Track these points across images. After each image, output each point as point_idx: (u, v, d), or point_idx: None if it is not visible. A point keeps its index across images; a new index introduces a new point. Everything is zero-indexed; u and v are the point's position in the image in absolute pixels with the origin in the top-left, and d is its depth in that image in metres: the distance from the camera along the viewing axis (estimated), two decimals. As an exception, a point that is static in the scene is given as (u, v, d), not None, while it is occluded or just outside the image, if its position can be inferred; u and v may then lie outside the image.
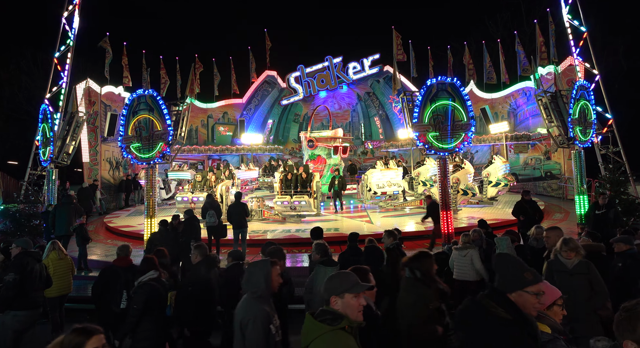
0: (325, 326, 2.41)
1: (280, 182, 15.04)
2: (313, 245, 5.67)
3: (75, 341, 2.23)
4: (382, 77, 27.00)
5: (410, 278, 4.04)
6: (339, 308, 2.51)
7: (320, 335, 2.39)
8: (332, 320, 2.45)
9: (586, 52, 16.92)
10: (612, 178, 12.87)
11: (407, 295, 3.92)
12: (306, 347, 2.43)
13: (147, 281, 4.89)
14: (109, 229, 14.83)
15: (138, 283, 4.92)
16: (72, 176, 24.02)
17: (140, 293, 4.80)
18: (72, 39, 15.76)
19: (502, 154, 20.39)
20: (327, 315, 2.48)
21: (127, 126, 10.39)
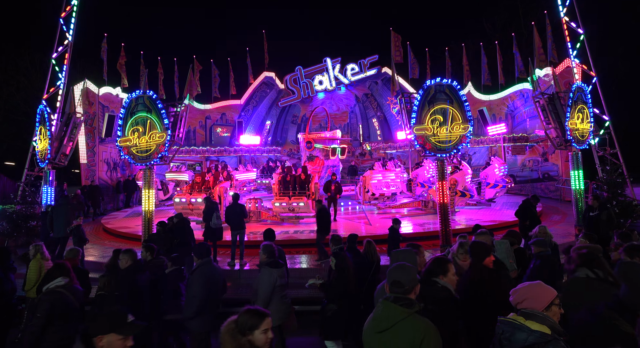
0: (405, 309, 2.82)
1: (278, 183, 15.03)
2: (261, 246, 5.78)
3: (250, 322, 2.38)
4: (381, 79, 27.03)
5: (593, 279, 3.87)
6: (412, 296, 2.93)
7: (405, 318, 2.79)
8: (408, 305, 2.85)
9: (583, 54, 16.99)
10: (609, 179, 12.93)
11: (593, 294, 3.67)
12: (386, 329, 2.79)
13: (53, 288, 4.42)
14: (107, 230, 14.79)
15: (44, 290, 4.46)
16: (69, 177, 23.97)
17: (43, 301, 4.31)
18: (70, 40, 15.73)
19: (499, 155, 20.44)
20: (403, 301, 2.87)
21: (124, 127, 10.38)
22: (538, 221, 10.23)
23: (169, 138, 10.11)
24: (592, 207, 9.76)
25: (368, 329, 2.88)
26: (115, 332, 2.43)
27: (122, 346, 2.44)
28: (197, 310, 4.94)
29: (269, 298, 5.26)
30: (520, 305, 2.77)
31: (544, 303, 2.72)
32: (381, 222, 14.10)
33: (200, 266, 5.23)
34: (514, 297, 2.82)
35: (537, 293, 2.77)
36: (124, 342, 2.45)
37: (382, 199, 16.46)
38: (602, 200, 10.38)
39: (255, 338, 2.37)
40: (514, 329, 2.63)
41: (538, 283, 2.87)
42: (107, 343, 2.41)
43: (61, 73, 15.87)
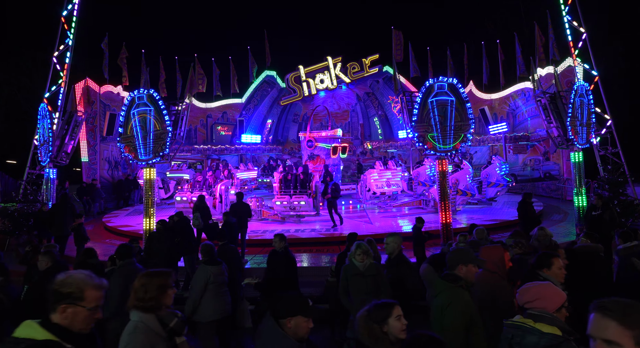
0: (448, 283, 3.53)
1: (279, 182, 15.04)
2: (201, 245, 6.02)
3: (382, 313, 2.54)
4: (382, 78, 26.99)
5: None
6: (461, 274, 3.57)
7: (445, 289, 3.51)
8: (453, 280, 3.54)
9: (585, 53, 16.94)
10: (610, 179, 12.90)
11: None
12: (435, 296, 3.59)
13: None
14: (108, 229, 14.81)
15: None
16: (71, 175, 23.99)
17: None
18: (71, 39, 15.74)
19: (501, 154, 20.42)
20: (450, 277, 3.57)
21: (126, 126, 10.38)
22: (538, 221, 10.24)
23: (170, 136, 10.11)
24: (595, 206, 9.74)
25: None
26: (301, 314, 2.63)
27: (306, 328, 2.65)
28: (113, 311, 4.96)
29: (201, 293, 5.47)
30: (530, 305, 2.72)
31: (557, 305, 2.70)
32: (382, 221, 14.10)
33: (120, 267, 5.25)
34: (524, 297, 2.78)
35: (551, 295, 2.75)
36: (307, 323, 2.66)
37: (383, 198, 16.44)
38: (605, 199, 10.35)
39: (391, 326, 2.53)
40: (524, 333, 2.60)
41: (549, 284, 2.85)
42: (295, 324, 2.62)
43: (62, 72, 15.88)
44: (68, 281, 2.20)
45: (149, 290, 2.75)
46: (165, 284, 2.82)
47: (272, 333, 2.62)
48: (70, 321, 2.15)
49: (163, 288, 2.79)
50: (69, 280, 2.21)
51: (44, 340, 2.04)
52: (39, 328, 2.09)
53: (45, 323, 2.12)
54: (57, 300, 2.16)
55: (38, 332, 2.07)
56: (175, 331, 2.78)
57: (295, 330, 2.62)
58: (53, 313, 2.15)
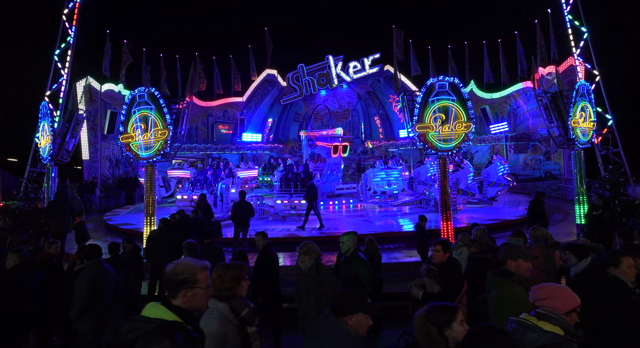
0: (498, 278, 3.66)
1: (280, 181, 15.04)
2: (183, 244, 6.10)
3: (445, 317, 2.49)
4: (383, 77, 26.98)
5: None
6: (512, 269, 3.67)
7: (496, 284, 3.62)
8: (504, 275, 3.65)
9: (587, 52, 16.91)
10: (612, 178, 12.88)
11: None
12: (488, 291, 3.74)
13: None
14: (108, 227, 14.82)
15: None
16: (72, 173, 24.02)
17: None
18: (72, 37, 15.74)
19: (502, 154, 20.41)
20: (501, 272, 3.69)
21: (126, 124, 10.39)
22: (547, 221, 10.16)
23: (171, 135, 10.11)
24: (596, 206, 9.72)
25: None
26: (362, 311, 2.67)
27: (367, 324, 2.68)
28: (80, 310, 4.98)
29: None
30: (540, 302, 2.72)
31: (568, 307, 2.69)
32: (382, 220, 14.10)
33: (87, 267, 5.25)
34: (537, 294, 2.78)
35: (564, 296, 2.74)
36: (367, 320, 2.70)
37: (384, 197, 16.43)
38: (606, 199, 10.33)
39: (455, 330, 2.47)
40: (526, 329, 2.59)
41: (566, 287, 2.86)
42: (356, 321, 2.65)
43: (63, 70, 15.89)
44: (180, 269, 2.45)
45: (224, 280, 2.94)
46: (239, 276, 3.00)
47: (334, 331, 2.62)
48: (191, 302, 2.41)
49: (237, 280, 2.98)
50: (180, 268, 2.45)
51: (172, 321, 2.27)
52: (167, 310, 2.32)
53: (170, 306, 2.36)
54: (176, 287, 2.41)
55: (166, 314, 2.30)
56: (246, 320, 2.93)
57: (356, 326, 2.65)
58: (174, 299, 2.40)
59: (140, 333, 2.20)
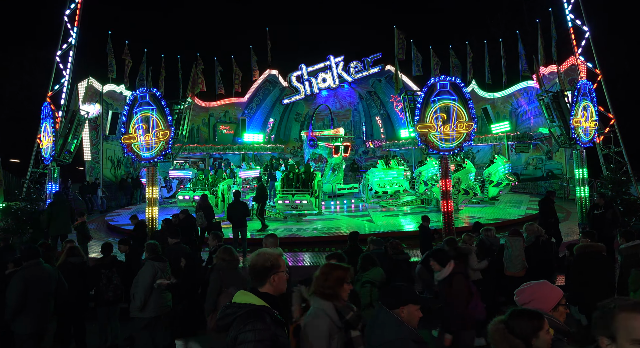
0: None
1: (281, 181, 15.05)
2: (145, 244, 6.09)
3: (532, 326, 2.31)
4: (384, 77, 26.96)
5: None
6: None
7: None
8: None
9: (588, 52, 16.88)
10: (613, 178, 12.85)
11: None
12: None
13: None
14: (110, 227, 14.85)
15: None
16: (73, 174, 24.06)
17: None
18: (74, 38, 15.77)
19: (503, 153, 20.37)
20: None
21: (128, 125, 10.40)
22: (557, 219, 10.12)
23: (172, 136, 10.13)
24: (598, 205, 9.69)
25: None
26: (412, 302, 2.72)
27: (417, 316, 2.73)
28: (13, 312, 4.99)
29: (150, 290, 5.48)
30: (526, 306, 2.71)
31: (552, 304, 2.70)
32: (384, 220, 14.10)
33: (22, 269, 5.26)
34: (520, 298, 2.79)
35: (545, 294, 2.74)
36: (418, 312, 2.75)
37: (385, 197, 16.41)
38: (608, 198, 10.30)
39: (542, 339, 2.31)
40: None
41: (544, 283, 2.84)
42: (408, 312, 2.70)
43: (65, 71, 15.91)
44: (266, 258, 2.70)
45: (328, 279, 3.02)
46: (343, 277, 3.06)
47: (387, 322, 2.67)
48: (277, 286, 2.67)
49: (341, 281, 3.03)
50: (264, 257, 2.71)
51: (261, 305, 2.51)
52: (255, 296, 2.57)
53: (257, 293, 2.61)
54: (266, 273, 2.65)
55: (255, 299, 2.54)
56: (350, 324, 2.99)
57: (408, 318, 2.70)
58: (262, 286, 2.65)
59: (234, 317, 2.47)
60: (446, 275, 4.61)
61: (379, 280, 5.04)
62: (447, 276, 4.60)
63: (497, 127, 21.49)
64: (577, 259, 5.79)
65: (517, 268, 6.60)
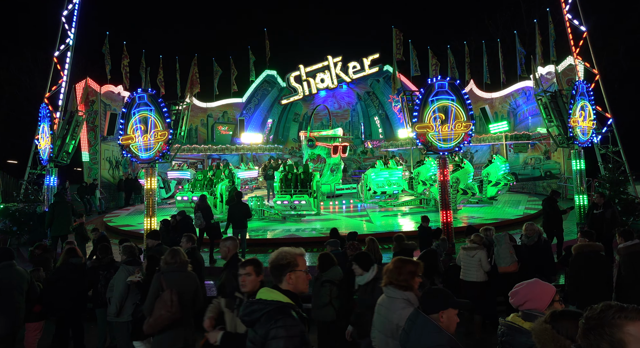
0: None
1: (280, 181, 15.04)
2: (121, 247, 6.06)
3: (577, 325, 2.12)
4: (382, 77, 26.97)
5: None
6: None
7: None
8: None
9: (586, 52, 16.92)
10: (611, 177, 12.90)
11: None
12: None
13: None
14: (109, 228, 14.82)
15: None
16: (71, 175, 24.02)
17: None
18: (72, 38, 15.75)
19: (501, 153, 20.40)
20: None
21: (126, 125, 10.39)
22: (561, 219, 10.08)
23: (170, 136, 10.11)
24: (597, 205, 9.69)
25: None
26: (453, 306, 2.70)
27: (455, 320, 2.72)
28: None
29: (125, 294, 5.45)
30: (522, 307, 2.73)
31: (546, 302, 2.70)
32: (383, 220, 14.10)
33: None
34: (515, 299, 2.79)
35: (538, 293, 2.74)
36: (456, 316, 2.74)
37: (384, 197, 16.44)
38: (607, 198, 10.30)
39: None
40: (514, 332, 2.61)
41: (536, 282, 2.83)
42: (447, 317, 2.68)
43: (63, 71, 15.89)
44: (282, 256, 2.75)
45: (401, 272, 3.25)
46: (415, 271, 3.28)
47: (425, 327, 2.59)
48: (295, 284, 2.71)
49: (413, 274, 3.27)
50: (282, 255, 2.75)
51: (287, 302, 2.58)
52: (280, 293, 2.63)
53: (281, 290, 2.67)
54: (281, 271, 2.71)
55: (280, 296, 2.61)
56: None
57: (447, 323, 2.65)
58: (280, 283, 2.71)
59: (262, 313, 2.52)
60: (369, 279, 4.34)
61: (338, 279, 5.34)
62: (369, 281, 4.33)
63: (496, 127, 21.51)
64: (575, 258, 5.80)
65: (507, 262, 6.57)
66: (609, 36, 29.17)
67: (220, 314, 3.78)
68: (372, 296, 4.21)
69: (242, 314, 2.62)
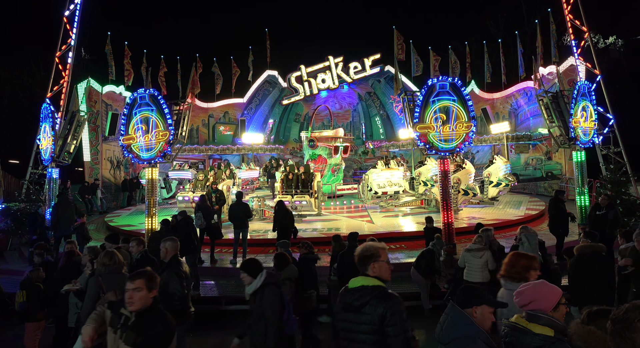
0: None
1: (281, 182, 15.04)
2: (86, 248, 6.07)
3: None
4: (383, 77, 26.97)
5: None
6: None
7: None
8: None
9: (587, 52, 16.89)
10: (613, 178, 12.87)
11: None
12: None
13: None
14: (110, 228, 14.84)
15: None
16: (73, 175, 24.06)
17: None
18: (74, 39, 15.77)
19: (503, 154, 20.38)
20: None
21: (128, 125, 10.39)
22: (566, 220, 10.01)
23: (172, 136, 10.12)
24: (600, 205, 9.66)
25: None
26: (487, 304, 2.76)
27: (489, 318, 2.77)
28: None
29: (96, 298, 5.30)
30: (526, 307, 2.73)
31: (552, 304, 2.69)
32: (384, 221, 14.09)
33: None
34: (520, 299, 2.78)
35: (545, 295, 2.74)
36: (491, 315, 2.79)
37: (384, 197, 16.43)
38: (611, 199, 10.24)
39: None
40: (518, 333, 2.60)
41: (542, 283, 2.83)
42: (481, 314, 2.72)
43: (65, 71, 15.91)
44: (366, 248, 3.11)
45: (514, 265, 3.54)
46: (529, 265, 3.54)
47: (459, 319, 2.66)
48: (379, 272, 3.05)
49: (527, 268, 3.53)
50: (366, 248, 3.12)
51: (376, 285, 2.96)
52: (376, 280, 3.00)
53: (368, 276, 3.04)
54: (366, 261, 3.07)
55: (378, 282, 2.99)
56: None
57: (481, 319, 2.68)
58: (366, 271, 3.06)
59: (371, 297, 2.88)
60: (257, 287, 4.15)
61: (294, 276, 5.67)
62: (258, 288, 4.14)
63: (497, 128, 21.49)
64: (577, 259, 5.79)
65: None
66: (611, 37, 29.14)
67: (103, 324, 3.23)
68: (260, 305, 4.07)
69: (349, 300, 2.95)
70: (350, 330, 2.95)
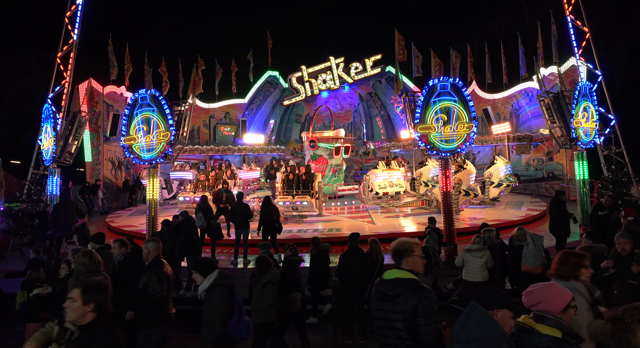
0: None
1: (282, 182, 15.04)
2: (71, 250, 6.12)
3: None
4: (384, 78, 26.95)
5: None
6: None
7: None
8: None
9: (589, 52, 16.88)
10: (614, 178, 12.85)
11: None
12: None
13: None
14: (111, 229, 14.85)
15: None
16: (74, 175, 24.08)
17: None
18: (75, 39, 15.80)
19: (504, 154, 20.36)
20: None
21: (129, 126, 10.41)
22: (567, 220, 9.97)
23: (173, 137, 10.13)
24: (603, 206, 9.62)
25: None
26: (509, 308, 2.75)
27: (509, 323, 2.78)
28: None
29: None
30: (534, 308, 2.72)
31: (561, 306, 2.68)
32: (385, 221, 14.09)
33: None
34: (528, 299, 2.78)
35: (554, 296, 2.73)
36: (511, 319, 2.80)
37: (386, 198, 16.42)
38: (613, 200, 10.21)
39: None
40: (525, 333, 2.60)
41: (553, 285, 2.83)
42: (502, 317, 2.72)
43: (66, 72, 15.93)
44: (401, 243, 3.29)
45: (563, 264, 3.62)
46: (578, 264, 3.61)
47: (482, 319, 2.64)
48: (413, 266, 3.23)
49: (576, 266, 3.60)
50: (401, 243, 3.29)
51: (409, 277, 3.14)
52: (410, 273, 3.18)
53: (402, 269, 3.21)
54: (401, 255, 3.25)
55: (412, 275, 3.17)
56: (599, 301, 3.45)
57: (502, 322, 2.67)
58: (401, 265, 3.24)
59: (404, 288, 3.04)
60: (206, 287, 4.03)
61: (277, 280, 5.62)
62: (207, 288, 4.02)
63: (498, 128, 21.47)
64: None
65: (538, 263, 6.57)
66: (612, 37, 29.10)
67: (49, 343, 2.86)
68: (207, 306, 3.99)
69: (384, 290, 3.12)
70: (385, 318, 3.11)
